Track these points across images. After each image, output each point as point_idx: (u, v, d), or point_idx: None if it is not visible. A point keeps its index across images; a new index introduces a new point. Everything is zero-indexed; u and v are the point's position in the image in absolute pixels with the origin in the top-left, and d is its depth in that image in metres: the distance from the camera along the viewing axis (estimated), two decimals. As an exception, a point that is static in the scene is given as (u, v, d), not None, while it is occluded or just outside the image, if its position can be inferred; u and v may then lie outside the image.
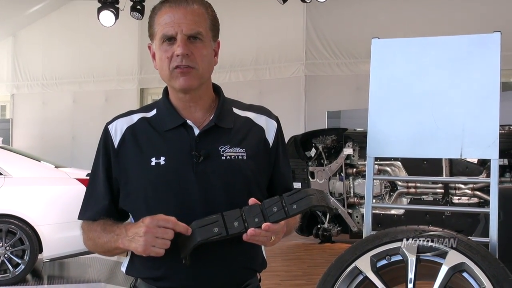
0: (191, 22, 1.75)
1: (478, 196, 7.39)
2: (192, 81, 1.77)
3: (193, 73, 1.76)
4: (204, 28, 1.78)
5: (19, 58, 14.96)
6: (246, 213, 1.66)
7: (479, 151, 2.97)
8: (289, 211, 1.64)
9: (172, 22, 1.74)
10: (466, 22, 10.28)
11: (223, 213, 1.67)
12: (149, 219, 1.67)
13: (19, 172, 6.81)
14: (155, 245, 1.65)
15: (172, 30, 1.74)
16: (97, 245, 1.84)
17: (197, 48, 1.76)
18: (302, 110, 11.94)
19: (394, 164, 7.91)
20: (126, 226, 1.75)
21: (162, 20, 1.77)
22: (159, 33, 1.77)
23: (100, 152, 1.87)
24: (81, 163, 10.54)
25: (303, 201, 1.64)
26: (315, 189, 1.69)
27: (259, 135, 1.87)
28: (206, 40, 1.79)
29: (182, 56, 1.74)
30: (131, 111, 1.92)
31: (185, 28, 1.74)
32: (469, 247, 2.51)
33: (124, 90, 13.89)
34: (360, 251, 2.64)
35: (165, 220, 1.66)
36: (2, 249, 6.52)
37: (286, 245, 8.69)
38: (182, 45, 1.74)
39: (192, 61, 1.75)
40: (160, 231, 1.65)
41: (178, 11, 1.75)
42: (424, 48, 3.14)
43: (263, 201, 1.67)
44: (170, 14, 1.75)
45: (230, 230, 1.65)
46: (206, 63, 1.79)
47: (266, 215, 1.65)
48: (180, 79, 1.77)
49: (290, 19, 11.76)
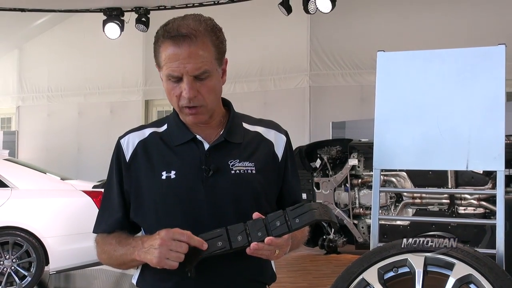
0: (197, 62, 1.72)
1: (484, 206, 7.36)
2: (201, 117, 1.80)
3: (202, 110, 1.78)
4: (210, 62, 1.75)
5: (24, 70, 15.04)
6: (249, 227, 1.67)
7: (485, 163, 2.99)
8: (292, 225, 1.66)
9: (178, 63, 1.71)
10: (471, 35, 10.29)
11: (227, 227, 1.69)
12: (165, 232, 1.69)
13: (26, 184, 6.83)
14: (169, 258, 1.67)
15: (178, 71, 1.72)
16: (113, 258, 1.85)
17: (204, 86, 1.75)
18: (306, 121, 11.95)
19: (400, 174, 7.90)
20: (142, 239, 1.77)
21: (166, 56, 1.74)
22: (165, 71, 1.75)
23: (113, 166, 1.89)
24: (86, 175, 10.57)
25: (306, 215, 1.65)
26: (319, 202, 1.71)
27: (268, 149, 1.89)
28: (213, 72, 1.77)
29: (190, 99, 1.74)
30: (143, 126, 1.94)
31: (190, 70, 1.72)
32: (476, 258, 2.52)
33: (129, 101, 13.93)
34: (367, 263, 2.65)
35: (180, 234, 1.68)
36: (9, 262, 6.53)
37: (291, 256, 8.67)
38: (188, 88, 1.73)
39: (199, 100, 1.76)
40: (174, 244, 1.67)
41: (183, 50, 1.71)
42: (429, 60, 3.16)
43: (267, 215, 1.69)
44: (175, 52, 1.72)
45: (233, 244, 1.67)
46: (214, 95, 1.80)
47: (269, 229, 1.66)
48: (190, 117, 1.79)
49: (294, 30, 11.79)
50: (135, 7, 11.16)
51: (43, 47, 14.64)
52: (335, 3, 9.52)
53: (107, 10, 11.17)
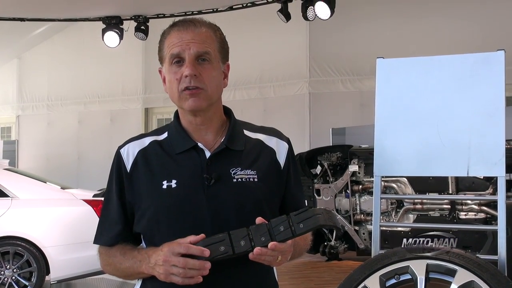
0: (199, 42, 1.78)
1: (485, 212, 7.35)
2: (201, 102, 1.79)
3: (202, 94, 1.78)
4: (213, 49, 1.81)
5: (24, 79, 15.05)
6: (253, 232, 1.66)
7: (485, 168, 2.98)
8: (296, 230, 1.64)
9: (181, 42, 1.78)
10: (470, 41, 10.29)
11: (229, 232, 1.67)
12: (167, 247, 1.69)
13: (26, 194, 6.83)
14: (174, 273, 1.67)
15: (180, 48, 1.77)
16: (119, 270, 1.85)
17: (205, 69, 1.79)
18: (306, 128, 11.95)
19: (400, 180, 7.89)
20: (148, 252, 1.77)
21: (171, 42, 1.80)
22: (168, 53, 1.80)
23: (113, 177, 1.89)
24: (87, 183, 10.56)
25: (310, 220, 1.64)
26: (323, 208, 1.70)
27: (270, 157, 1.88)
28: (214, 62, 1.81)
29: (191, 77, 1.76)
30: (142, 135, 1.94)
31: (193, 48, 1.77)
32: (477, 265, 2.52)
33: (129, 110, 13.93)
34: (369, 270, 2.65)
35: (178, 246, 1.68)
36: (10, 271, 6.52)
37: (293, 263, 8.65)
38: (190, 66, 1.77)
39: (200, 82, 1.77)
40: (176, 261, 1.67)
41: (187, 33, 1.79)
42: (428, 67, 3.17)
43: (270, 220, 1.67)
44: (178, 35, 1.79)
45: (236, 249, 1.65)
46: (214, 84, 1.81)
47: (272, 234, 1.65)
48: (189, 100, 1.79)
49: (294, 37, 11.80)
50: (134, 16, 11.18)
51: (42, 56, 14.66)
52: (334, 10, 9.52)
53: (106, 18, 11.19)
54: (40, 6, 10.90)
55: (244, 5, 10.70)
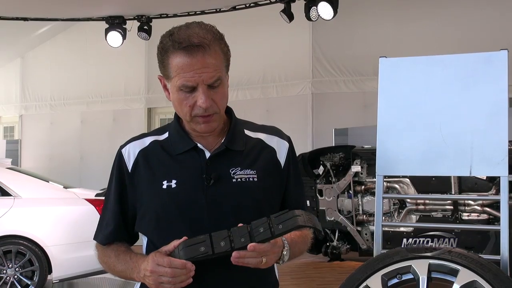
0: (211, 70, 1.71)
1: (487, 212, 7.34)
2: (214, 125, 1.80)
3: (215, 117, 1.78)
4: (221, 69, 1.75)
5: (27, 79, 15.06)
6: (233, 233, 1.68)
7: (488, 168, 2.98)
8: (275, 231, 1.66)
9: (193, 73, 1.70)
10: (473, 40, 10.28)
11: (211, 234, 1.69)
12: (151, 258, 1.70)
13: (28, 193, 6.84)
14: (163, 282, 1.68)
15: (193, 81, 1.71)
16: (113, 271, 1.87)
17: (217, 93, 1.75)
18: (309, 128, 11.93)
19: (403, 181, 7.88)
20: (138, 261, 1.77)
21: (179, 67, 1.72)
22: (178, 81, 1.73)
23: (114, 176, 1.89)
24: (90, 183, 10.56)
25: (289, 221, 1.67)
26: (303, 211, 1.72)
27: (270, 156, 1.88)
28: (224, 79, 1.77)
29: (206, 108, 1.73)
30: (143, 134, 1.94)
31: (205, 79, 1.71)
32: (480, 265, 2.51)
33: (131, 110, 13.93)
34: (371, 270, 2.64)
35: (162, 259, 1.67)
36: (12, 270, 6.53)
37: (295, 263, 8.66)
38: (205, 98, 1.72)
39: (214, 108, 1.76)
40: (162, 271, 1.67)
41: (196, 60, 1.70)
42: (431, 66, 3.16)
43: (251, 222, 1.70)
44: (189, 62, 1.70)
45: (216, 249, 1.67)
46: (225, 102, 1.81)
47: (252, 235, 1.67)
48: (202, 125, 1.78)
49: (296, 38, 11.79)
50: (137, 16, 11.18)
51: (45, 55, 14.67)
52: (337, 10, 9.52)
53: (109, 18, 11.20)
54: (43, 5, 10.91)
55: (247, 5, 10.70)
